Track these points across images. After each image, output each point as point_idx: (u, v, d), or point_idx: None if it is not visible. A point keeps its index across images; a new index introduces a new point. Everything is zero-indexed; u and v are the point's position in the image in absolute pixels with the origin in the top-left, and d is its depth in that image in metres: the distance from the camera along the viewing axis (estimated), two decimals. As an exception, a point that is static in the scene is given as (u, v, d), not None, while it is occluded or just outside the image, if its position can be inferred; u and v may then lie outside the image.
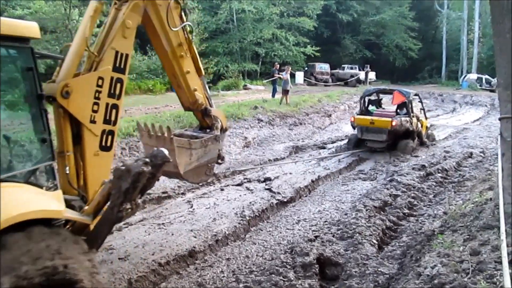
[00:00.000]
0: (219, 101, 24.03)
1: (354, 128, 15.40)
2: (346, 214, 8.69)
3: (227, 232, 8.07)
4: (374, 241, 7.36)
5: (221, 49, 44.60)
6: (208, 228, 8.23)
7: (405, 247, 6.83)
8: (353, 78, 45.64)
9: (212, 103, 7.72)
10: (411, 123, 14.95)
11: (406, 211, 9.00)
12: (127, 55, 5.80)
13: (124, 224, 8.33)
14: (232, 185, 11.25)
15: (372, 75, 47.28)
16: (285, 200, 10.02)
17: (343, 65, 50.97)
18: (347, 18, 56.66)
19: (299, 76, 45.13)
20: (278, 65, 29.18)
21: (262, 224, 8.75)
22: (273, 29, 46.39)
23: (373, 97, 16.70)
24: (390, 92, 15.91)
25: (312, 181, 11.56)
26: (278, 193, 10.39)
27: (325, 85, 44.34)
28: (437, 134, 19.72)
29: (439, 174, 11.59)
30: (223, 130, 7.62)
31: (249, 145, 16.13)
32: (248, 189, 10.90)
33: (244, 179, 11.68)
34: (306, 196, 10.60)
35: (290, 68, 26.03)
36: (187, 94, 7.40)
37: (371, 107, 16.41)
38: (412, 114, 15.16)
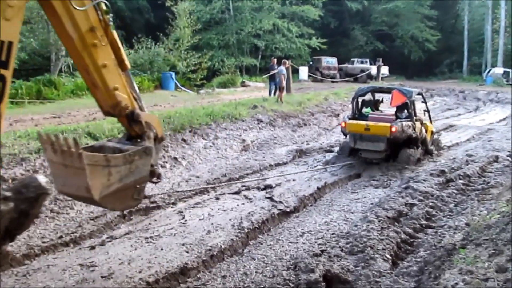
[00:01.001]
0: (213, 100, 24.09)
1: (345, 135, 14.37)
2: (356, 226, 8.66)
3: (223, 246, 8.04)
4: (388, 256, 7.34)
5: (216, 42, 44.73)
6: (202, 242, 8.20)
7: (422, 262, 6.81)
8: (364, 74, 45.76)
9: (143, 105, 6.52)
10: (414, 129, 13.91)
11: (423, 222, 8.97)
12: (10, 44, 4.89)
13: (107, 237, 8.32)
14: (229, 193, 11.23)
15: (384, 70, 47.39)
16: (288, 210, 9.99)
17: (352, 59, 51.15)
18: (356, 6, 56.79)
19: (303, 71, 45.25)
20: (275, 60, 29.15)
21: (262, 237, 8.73)
22: (274, 19, 46.52)
23: (367, 97, 15.57)
24: (387, 91, 15.19)
25: (318, 188, 11.55)
26: (280, 202, 10.37)
27: (332, 81, 44.44)
28: (458, 135, 19.77)
29: (461, 181, 11.57)
30: (158, 139, 6.53)
31: (248, 149, 16.14)
32: (246, 197, 10.88)
33: (242, 186, 11.67)
34: (311, 206, 10.59)
35: (288, 63, 25.93)
36: (105, 95, 6.04)
37: (365, 110, 15.30)
38: (415, 117, 14.20)
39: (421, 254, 7.25)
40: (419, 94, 15.08)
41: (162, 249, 7.86)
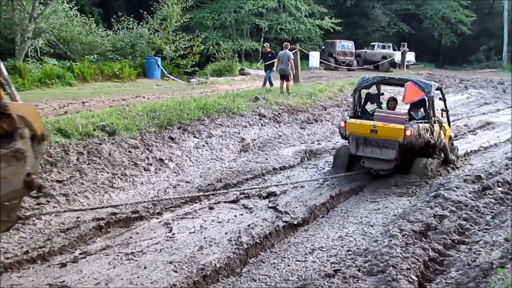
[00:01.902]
0: (207, 91, 24.08)
1: (344, 138, 13.45)
2: (376, 241, 8.68)
3: (217, 265, 8.05)
4: (413, 277, 7.35)
5: (210, 22, 44.62)
6: (193, 259, 8.22)
7: (454, 285, 6.83)
8: (386, 61, 45.73)
9: (16, 95, 5.79)
10: (432, 133, 13.14)
11: (455, 237, 8.98)
12: None
13: (80, 253, 8.35)
14: (225, 202, 11.25)
15: (410, 57, 47.39)
16: (295, 222, 10.02)
17: (372, 43, 51.19)
18: (377, -20, 56.61)
19: (314, 57, 45.26)
20: (268, 46, 29.13)
21: (265, 254, 8.74)
22: (279, -5, 46.30)
23: (373, 91, 14.72)
24: (400, 83, 14.30)
25: (331, 197, 11.58)
26: (286, 212, 10.39)
27: (349, 69, 44.44)
28: (497, 135, 19.78)
29: (500, 188, 11.57)
30: (38, 139, 5.83)
31: (248, 149, 16.16)
32: (246, 207, 10.92)
33: (241, 194, 11.69)
34: (322, 217, 10.61)
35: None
36: None
37: (371, 108, 14.51)
38: (433, 118, 13.31)
39: (453, 275, 7.27)
40: (437, 89, 14.17)
41: (145, 268, 7.87)
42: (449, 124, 15.17)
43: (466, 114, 25.04)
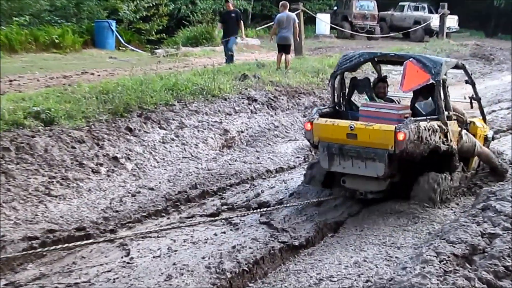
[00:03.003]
0: (178, 65, 24.12)
1: (314, 146, 12.38)
2: (404, 269, 8.70)
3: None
4: (454, 317, 7.40)
5: (182, -28, 44.54)
6: (159, 292, 8.25)
7: (508, 327, 6.86)
8: (419, 26, 45.80)
9: None
10: (446, 134, 11.91)
11: (510, 262, 8.99)
12: None
13: (6, 284, 8.33)
14: (201, 215, 11.29)
15: (452, 22, 47.55)
16: (296, 243, 10.02)
17: (401, 3, 51.20)
18: None
19: (323, 21, 45.22)
20: (231, 3, 28.56)
21: (255, 286, 8.76)
22: None
23: (359, 75, 14.02)
24: (398, 61, 13.01)
25: (347, 210, 11.66)
26: (284, 230, 10.40)
27: (369, 38, 44.50)
28: None
29: None
30: None
31: (233, 144, 16.21)
32: (229, 223, 10.93)
33: (223, 205, 11.71)
34: (332, 237, 10.63)
35: (288, 6, 25.53)
36: None
37: (362, 100, 13.68)
38: (447, 112, 12.03)
39: (507, 314, 7.31)
40: (457, 67, 13.26)
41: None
42: (483, 119, 14.16)
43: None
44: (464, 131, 12.66)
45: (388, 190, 11.81)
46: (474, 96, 13.64)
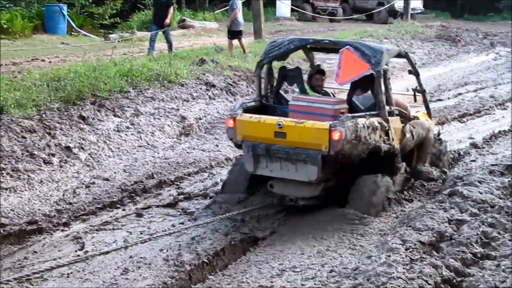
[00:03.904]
0: (133, 51, 23.99)
1: (237, 146, 11.37)
2: (369, 258, 8.73)
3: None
4: (421, 306, 7.43)
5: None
6: (114, 287, 8.21)
7: (476, 315, 6.90)
8: (383, 8, 45.95)
9: None
10: (387, 132, 11.14)
11: (478, 249, 9.05)
12: None
13: (-46, 281, 8.26)
14: (158, 206, 11.27)
15: (417, 3, 47.74)
16: (259, 234, 10.06)
17: (364, -16, 51.28)
18: None
19: (284, 4, 45.26)
20: None
21: (215, 278, 8.74)
22: None
23: (290, 66, 13.10)
24: (333, 48, 12.23)
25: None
26: (243, 220, 10.45)
27: (331, 20, 44.58)
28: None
29: (539, 183, 11.74)
30: None
31: (190, 132, 16.18)
32: (187, 213, 10.95)
33: (180, 194, 11.69)
34: (295, 226, 10.63)
35: None
36: None
37: (293, 94, 12.84)
38: (388, 107, 11.28)
39: (475, 302, 7.35)
40: (400, 56, 12.72)
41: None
42: (429, 114, 13.50)
43: (492, 82, 25.25)
44: (408, 127, 11.84)
45: (321, 196, 10.83)
46: (418, 88, 12.87)
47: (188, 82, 18.45)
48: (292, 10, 44.71)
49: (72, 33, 32.84)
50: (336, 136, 10.08)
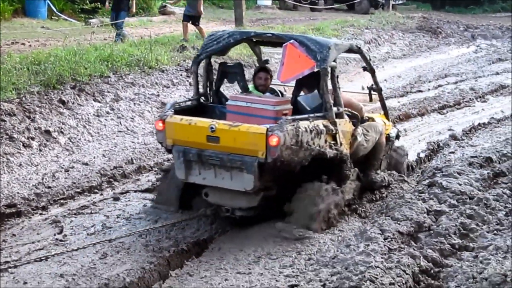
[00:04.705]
0: (113, 36, 23.87)
1: (168, 150, 10.21)
2: (348, 246, 8.78)
3: (127, 280, 8.08)
4: (399, 295, 7.47)
5: None
6: (93, 271, 8.22)
7: (454, 305, 6.95)
8: (364, -2, 46.00)
9: None
10: (334, 135, 10.10)
11: (456, 240, 9.12)
12: None
13: None
14: (136, 191, 11.33)
15: (399, -6, 47.76)
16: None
17: (345, -26, 51.25)
18: None
19: (264, -9, 45.25)
20: None
21: (193, 264, 8.75)
22: None
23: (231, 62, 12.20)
24: (277, 41, 11.09)
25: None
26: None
27: (312, 10, 44.58)
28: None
29: (516, 175, 11.81)
30: None
31: (170, 118, 16.13)
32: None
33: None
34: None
35: None
36: None
37: (234, 94, 11.52)
38: (335, 108, 10.24)
39: (452, 292, 7.40)
40: (351, 51, 11.53)
41: (25, 283, 7.83)
42: (385, 114, 12.63)
43: (472, 74, 25.37)
44: (360, 130, 10.79)
45: (260, 206, 9.76)
46: (374, 86, 11.96)
47: (169, 68, 18.44)
48: (273, -1, 44.76)
49: (53, 17, 32.64)
50: (273, 141, 9.00)
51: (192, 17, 24.18)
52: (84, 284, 7.86)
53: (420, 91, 21.53)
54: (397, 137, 12.77)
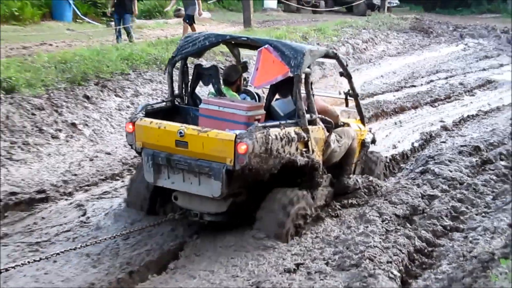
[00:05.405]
0: (134, 37, 23.89)
1: (138, 153, 9.43)
2: (349, 228, 8.78)
3: (146, 259, 8.07)
4: (395, 272, 7.45)
5: None
6: (116, 251, 8.24)
7: (446, 280, 6.94)
8: (362, 1, 45.82)
9: None
10: (306, 143, 9.25)
11: (447, 222, 9.13)
12: None
13: (-30, 244, 8.28)
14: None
15: (394, -4, 47.67)
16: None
17: (344, -21, 51.13)
18: None
19: (271, -5, 45.20)
20: None
21: (209, 242, 8.73)
22: None
23: (207, 63, 11.64)
24: (252, 45, 10.20)
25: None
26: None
27: (314, 12, 44.46)
28: (500, 96, 20.13)
29: (503, 163, 11.78)
30: None
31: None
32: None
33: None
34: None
35: None
36: None
37: (208, 95, 10.35)
38: (308, 115, 9.35)
39: (444, 269, 7.40)
40: (328, 56, 10.65)
41: (55, 262, 7.83)
42: (361, 120, 11.69)
43: (461, 70, 25.37)
44: (333, 137, 9.94)
45: (229, 211, 8.96)
46: (350, 91, 11.12)
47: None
48: (278, 1, 44.59)
49: (77, 20, 32.62)
50: (242, 149, 8.17)
51: (192, 17, 24.26)
52: (108, 262, 7.88)
53: (413, 86, 21.50)
54: (373, 141, 11.84)
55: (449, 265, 7.47)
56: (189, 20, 24.17)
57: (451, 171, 11.04)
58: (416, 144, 14.03)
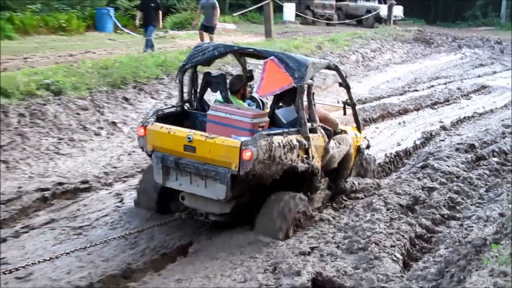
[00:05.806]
0: (166, 46, 24.00)
1: (148, 155, 8.95)
2: (357, 216, 8.77)
3: (177, 244, 8.10)
4: (398, 256, 7.45)
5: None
6: (151, 234, 8.25)
7: (443, 263, 6.91)
8: (370, 15, 45.75)
9: None
10: (306, 150, 8.86)
11: (445, 211, 9.13)
12: None
13: (22, 227, 8.33)
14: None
15: (398, 11, 47.41)
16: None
17: (355, -5, 51.00)
18: None
19: (289, 9, 45.10)
20: None
21: (226, 231, 8.64)
22: None
23: (215, 72, 10.54)
24: (259, 55, 9.60)
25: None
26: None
27: (328, 24, 44.40)
28: (493, 100, 20.07)
29: (495, 159, 11.77)
30: None
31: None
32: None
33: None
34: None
35: None
36: None
37: (214, 102, 9.73)
38: (310, 124, 8.99)
39: (441, 252, 7.38)
40: (329, 68, 10.36)
41: (96, 244, 7.80)
42: (358, 128, 11.21)
43: (459, 77, 25.27)
44: (332, 144, 9.59)
45: (233, 212, 8.66)
46: (349, 101, 10.68)
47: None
48: (296, 15, 44.60)
49: (117, 31, 32.74)
50: (246, 155, 7.88)
51: (207, 27, 24.13)
52: (144, 244, 7.91)
53: (416, 90, 21.43)
54: (368, 147, 11.42)
55: (446, 249, 7.46)
56: (210, 30, 24.22)
57: (448, 166, 11.04)
58: (417, 142, 13.95)
